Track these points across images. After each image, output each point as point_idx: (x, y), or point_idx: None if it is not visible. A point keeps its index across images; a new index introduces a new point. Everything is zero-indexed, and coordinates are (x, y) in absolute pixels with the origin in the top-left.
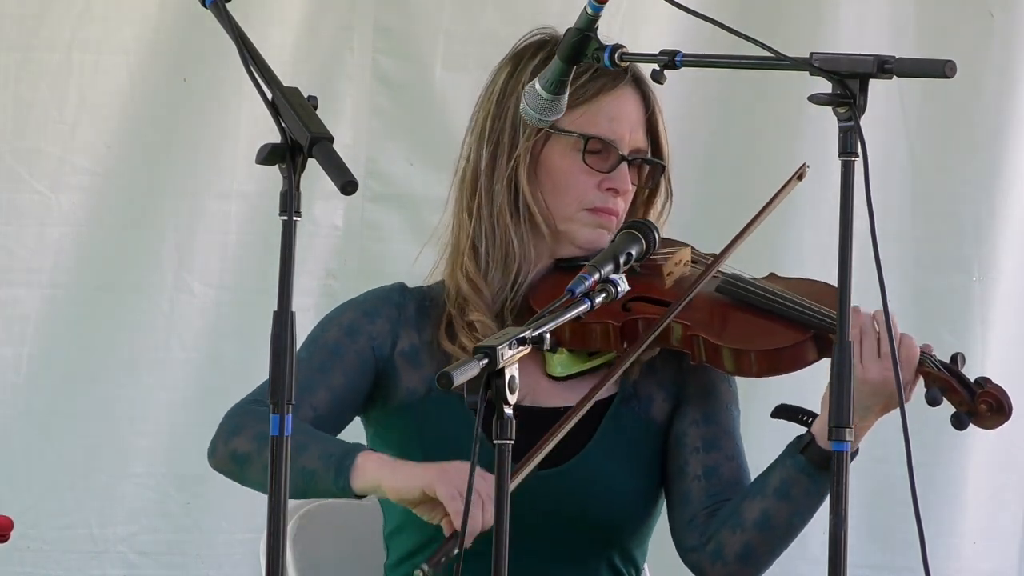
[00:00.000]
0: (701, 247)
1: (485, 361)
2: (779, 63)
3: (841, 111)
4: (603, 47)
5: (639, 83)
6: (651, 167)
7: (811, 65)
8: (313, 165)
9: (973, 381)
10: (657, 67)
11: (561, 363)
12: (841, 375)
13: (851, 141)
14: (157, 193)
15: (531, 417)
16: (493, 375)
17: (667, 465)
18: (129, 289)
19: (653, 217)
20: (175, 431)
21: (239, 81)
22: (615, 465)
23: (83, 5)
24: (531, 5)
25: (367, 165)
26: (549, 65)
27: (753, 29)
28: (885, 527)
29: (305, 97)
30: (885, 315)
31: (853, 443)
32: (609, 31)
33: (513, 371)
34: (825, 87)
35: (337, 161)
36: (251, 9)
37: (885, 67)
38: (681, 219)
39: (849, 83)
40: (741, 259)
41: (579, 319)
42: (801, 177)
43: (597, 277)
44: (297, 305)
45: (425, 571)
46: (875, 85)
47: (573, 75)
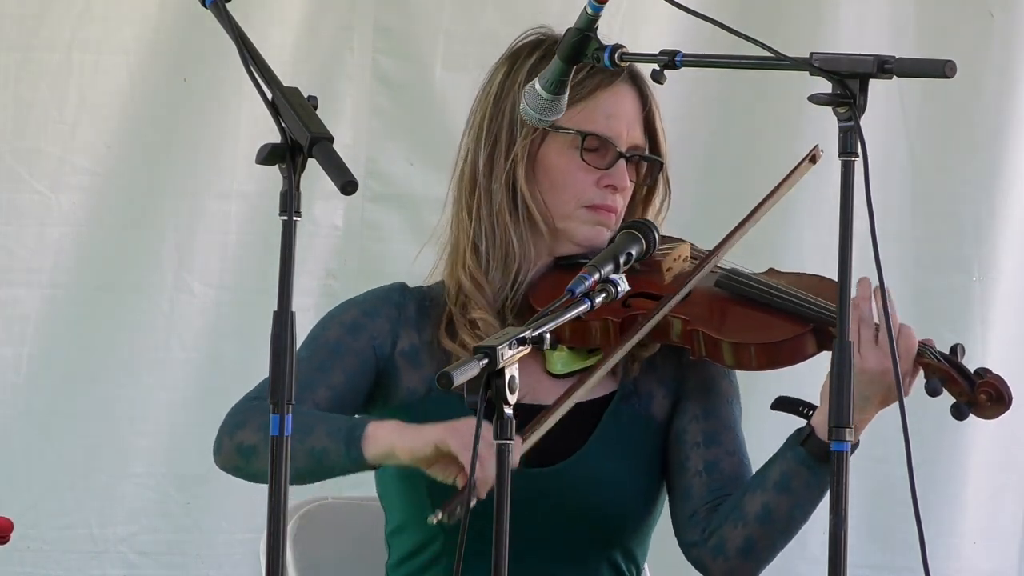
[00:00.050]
0: (701, 247)
1: (485, 361)
2: (779, 63)
3: (841, 111)
4: (603, 47)
5: (636, 80)
6: (649, 164)
7: (811, 65)
8: (313, 165)
9: (973, 372)
10: (657, 67)
11: (561, 360)
12: (841, 375)
13: (851, 141)
14: (157, 193)
15: (532, 415)
16: (493, 375)
17: (668, 461)
18: (129, 289)
19: (651, 215)
20: (175, 431)
21: (239, 81)
22: (615, 462)
23: (83, 5)
24: (531, 5)
25: (367, 165)
26: (549, 65)
27: (753, 29)
28: (885, 527)
29: (305, 97)
30: (885, 315)
31: (853, 436)
32: (609, 31)
33: (513, 371)
34: (825, 87)
35: (337, 161)
36: (251, 9)
37: (885, 67)
38: (681, 219)
39: (849, 83)
40: (741, 258)
41: (579, 317)
42: (814, 159)
43: (597, 277)
44: (297, 305)
45: (439, 517)
46: (875, 85)
47: None
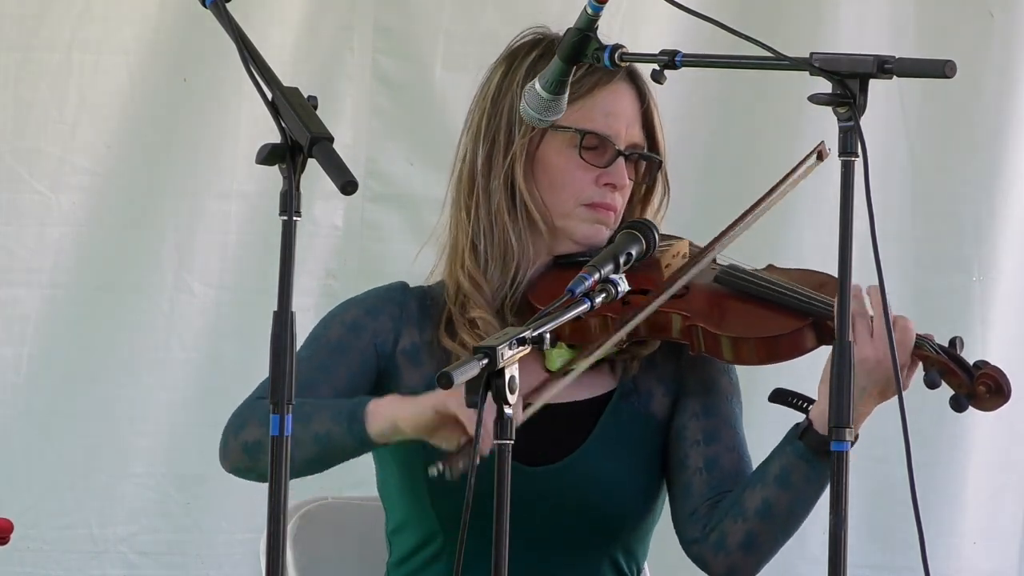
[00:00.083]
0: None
1: (485, 361)
2: (779, 63)
3: (841, 111)
4: (603, 47)
5: (634, 78)
6: (648, 163)
7: (811, 65)
8: (313, 165)
9: (972, 364)
10: (657, 67)
11: (561, 358)
12: (841, 375)
13: (851, 141)
14: (157, 193)
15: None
16: (493, 375)
17: (668, 459)
18: (129, 289)
19: (650, 214)
20: (175, 431)
21: (239, 81)
22: (615, 461)
23: (83, 5)
24: (531, 5)
25: (367, 165)
26: (549, 65)
27: (753, 29)
28: (885, 527)
29: (305, 97)
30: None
31: (852, 429)
32: (609, 31)
33: (513, 371)
34: (825, 87)
35: (337, 161)
36: (251, 9)
37: (885, 67)
38: (681, 219)
39: (849, 83)
40: (740, 258)
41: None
42: (821, 156)
43: (597, 277)
44: (297, 305)
45: (440, 468)
46: (875, 85)
47: None
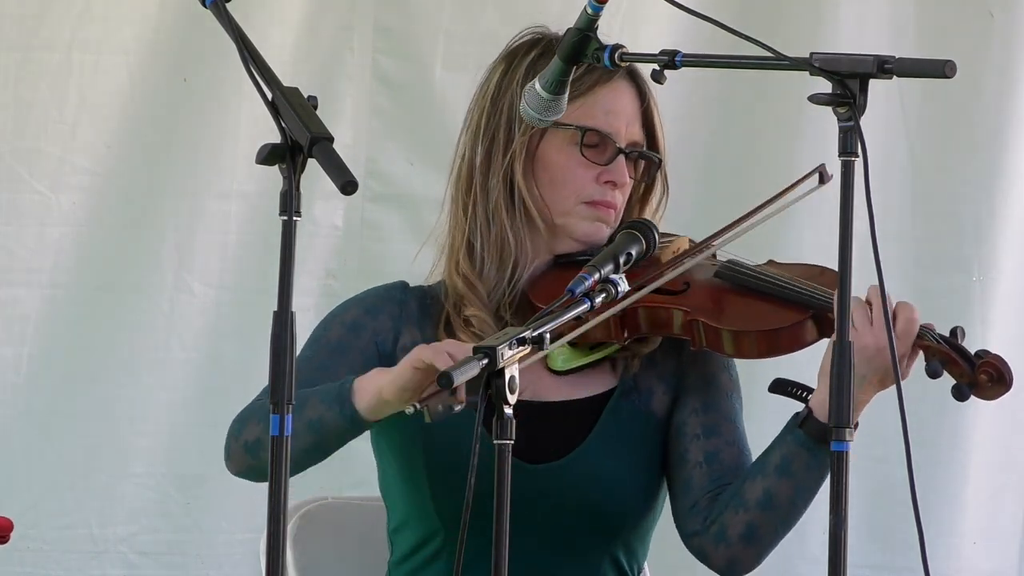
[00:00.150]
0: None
1: (485, 361)
2: (779, 63)
3: (841, 111)
4: (603, 47)
5: (634, 77)
6: (647, 161)
7: (811, 65)
8: (313, 165)
9: (973, 353)
10: (657, 67)
11: (562, 356)
12: (841, 375)
13: (851, 141)
14: (157, 193)
15: (533, 411)
16: (493, 375)
17: (668, 454)
18: (129, 289)
19: (649, 213)
20: (175, 431)
21: (239, 81)
22: (615, 458)
23: (83, 5)
24: (531, 5)
25: (367, 165)
26: (549, 65)
27: (753, 29)
28: (885, 527)
29: (305, 97)
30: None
31: (852, 418)
32: (609, 31)
33: (513, 371)
34: (825, 87)
35: (337, 161)
36: (251, 9)
37: (885, 67)
38: (681, 219)
39: (849, 83)
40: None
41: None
42: (823, 180)
43: (597, 277)
44: (297, 305)
45: (416, 407)
46: (875, 85)
47: None
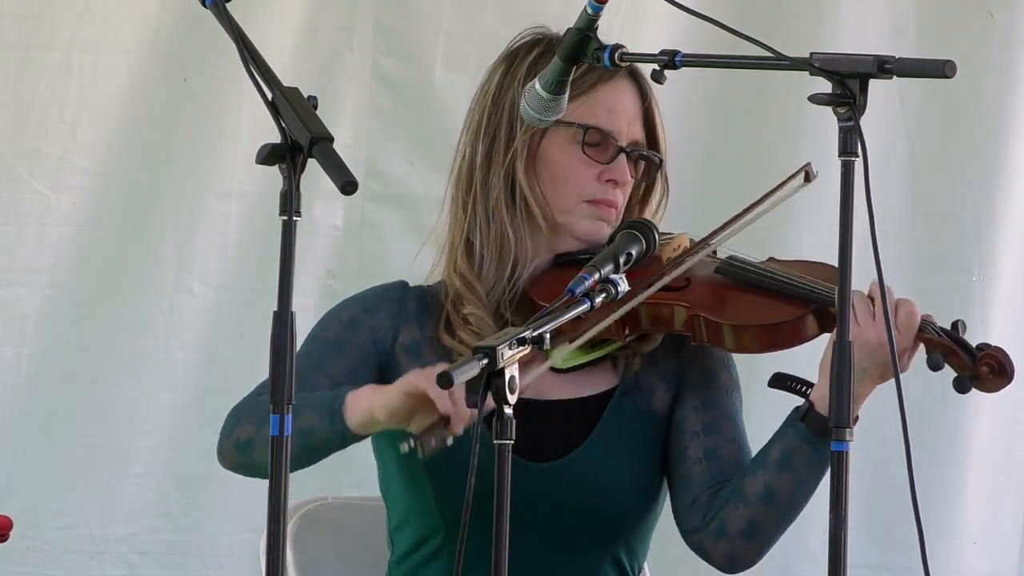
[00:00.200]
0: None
1: (485, 361)
2: (779, 63)
3: (841, 111)
4: (603, 47)
5: (635, 76)
6: (648, 161)
7: (811, 65)
8: (313, 165)
9: (974, 346)
10: (657, 67)
11: (563, 356)
12: (841, 375)
13: (851, 141)
14: (157, 193)
15: (534, 410)
16: (493, 375)
17: (668, 451)
18: (129, 289)
19: (649, 213)
20: (175, 431)
21: (239, 81)
22: (617, 457)
23: (83, 5)
24: (531, 5)
25: (367, 165)
26: (549, 65)
27: (753, 29)
28: (885, 527)
29: (305, 97)
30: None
31: (852, 411)
32: (609, 31)
33: (513, 371)
34: (825, 87)
35: (337, 161)
36: (251, 9)
37: (885, 67)
38: (681, 219)
39: (849, 83)
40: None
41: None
42: (808, 178)
43: (597, 277)
44: (297, 305)
45: (411, 444)
46: (875, 85)
47: None
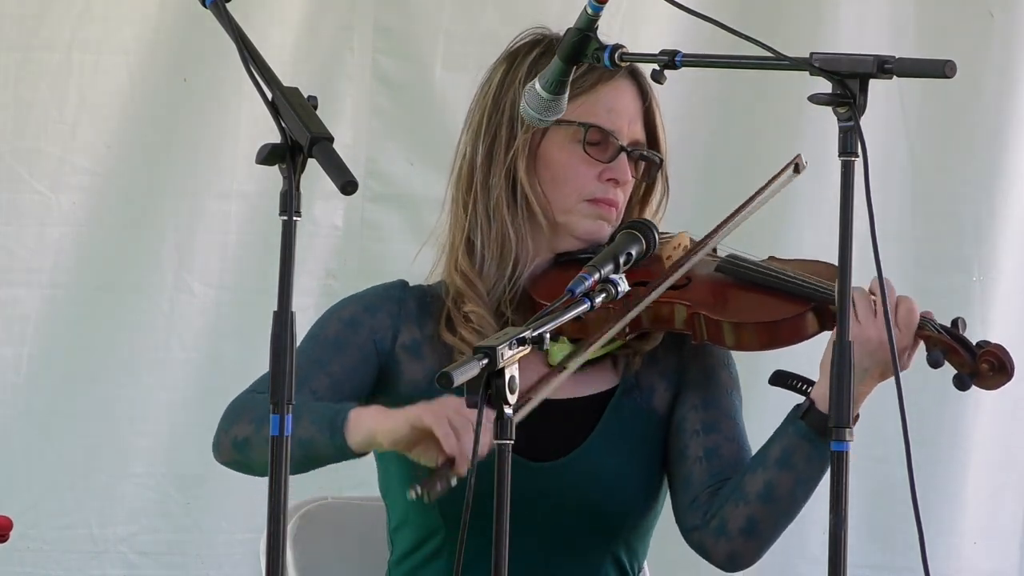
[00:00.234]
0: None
1: (485, 361)
2: (779, 63)
3: (841, 111)
4: (603, 47)
5: (636, 76)
6: (648, 161)
7: (811, 65)
8: (313, 165)
9: (974, 343)
10: (657, 67)
11: (563, 353)
12: (841, 375)
13: (851, 141)
14: (157, 193)
15: (535, 409)
16: (493, 375)
17: (668, 450)
18: (129, 289)
19: (649, 213)
20: (175, 431)
21: (239, 81)
22: (617, 456)
23: (83, 5)
24: (531, 5)
25: (367, 165)
26: (549, 65)
27: (753, 29)
28: (885, 527)
29: (305, 97)
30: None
31: (853, 410)
32: (609, 31)
33: (513, 371)
34: (825, 87)
35: (337, 161)
36: (251, 9)
37: (885, 67)
38: (681, 219)
39: (849, 83)
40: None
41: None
42: (798, 169)
43: (597, 277)
44: (297, 305)
45: (418, 492)
46: (875, 85)
47: None
